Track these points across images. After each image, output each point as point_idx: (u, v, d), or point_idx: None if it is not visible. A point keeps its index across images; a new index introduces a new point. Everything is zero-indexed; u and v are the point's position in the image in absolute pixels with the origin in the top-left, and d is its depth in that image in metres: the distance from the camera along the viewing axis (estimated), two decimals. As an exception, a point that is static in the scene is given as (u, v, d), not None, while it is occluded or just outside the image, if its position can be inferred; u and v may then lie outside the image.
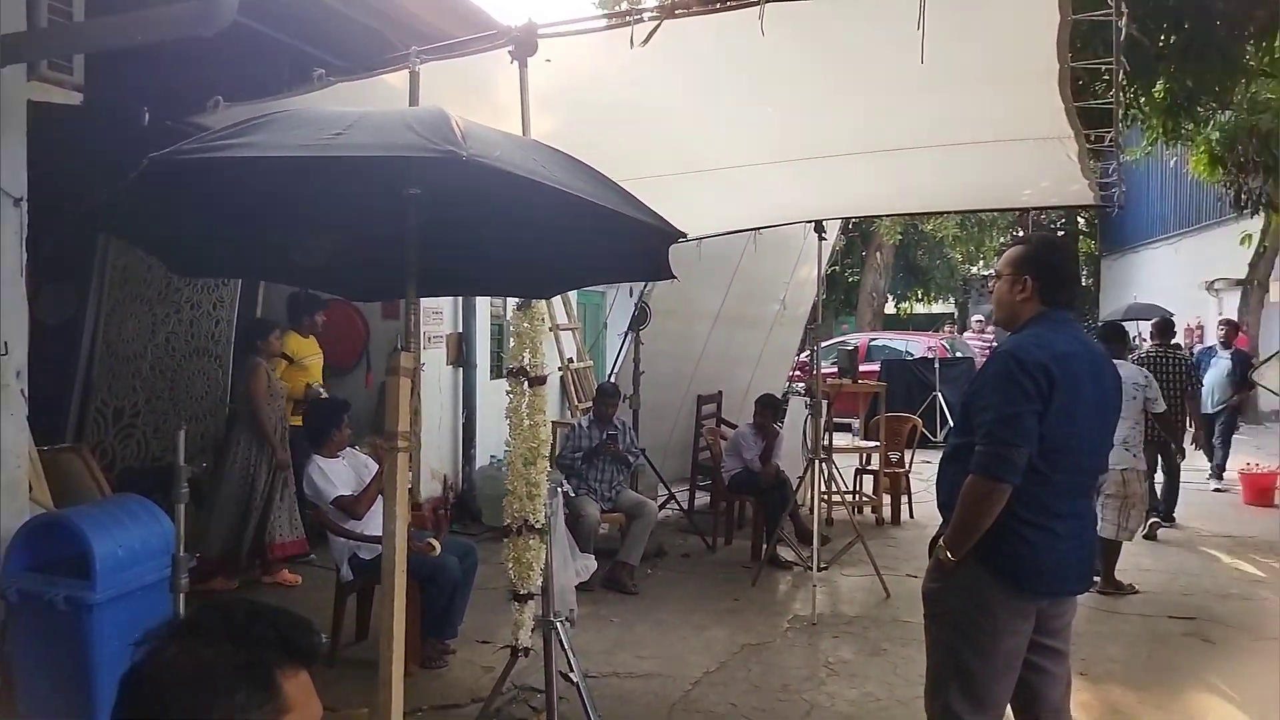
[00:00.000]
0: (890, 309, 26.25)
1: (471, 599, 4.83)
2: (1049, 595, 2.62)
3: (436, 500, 7.14)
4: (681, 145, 4.44)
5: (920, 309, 28.98)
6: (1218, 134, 8.41)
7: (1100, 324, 8.35)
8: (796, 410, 8.04)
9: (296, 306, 6.08)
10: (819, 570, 5.75)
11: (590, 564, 4.39)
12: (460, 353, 7.67)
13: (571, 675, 3.40)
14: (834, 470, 7.14)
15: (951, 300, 29.98)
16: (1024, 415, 2.46)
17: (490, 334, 8.06)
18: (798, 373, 11.65)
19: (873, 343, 16.48)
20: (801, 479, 6.84)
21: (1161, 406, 5.93)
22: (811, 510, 6.09)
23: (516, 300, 3.06)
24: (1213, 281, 17.44)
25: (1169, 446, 7.01)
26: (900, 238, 21.08)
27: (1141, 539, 6.56)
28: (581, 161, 2.21)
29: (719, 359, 8.55)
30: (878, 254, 21.21)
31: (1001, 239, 28.18)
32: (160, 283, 6.01)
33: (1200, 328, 15.66)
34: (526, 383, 3.01)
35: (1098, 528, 5.52)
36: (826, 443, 7.41)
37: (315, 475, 4.53)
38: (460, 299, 7.54)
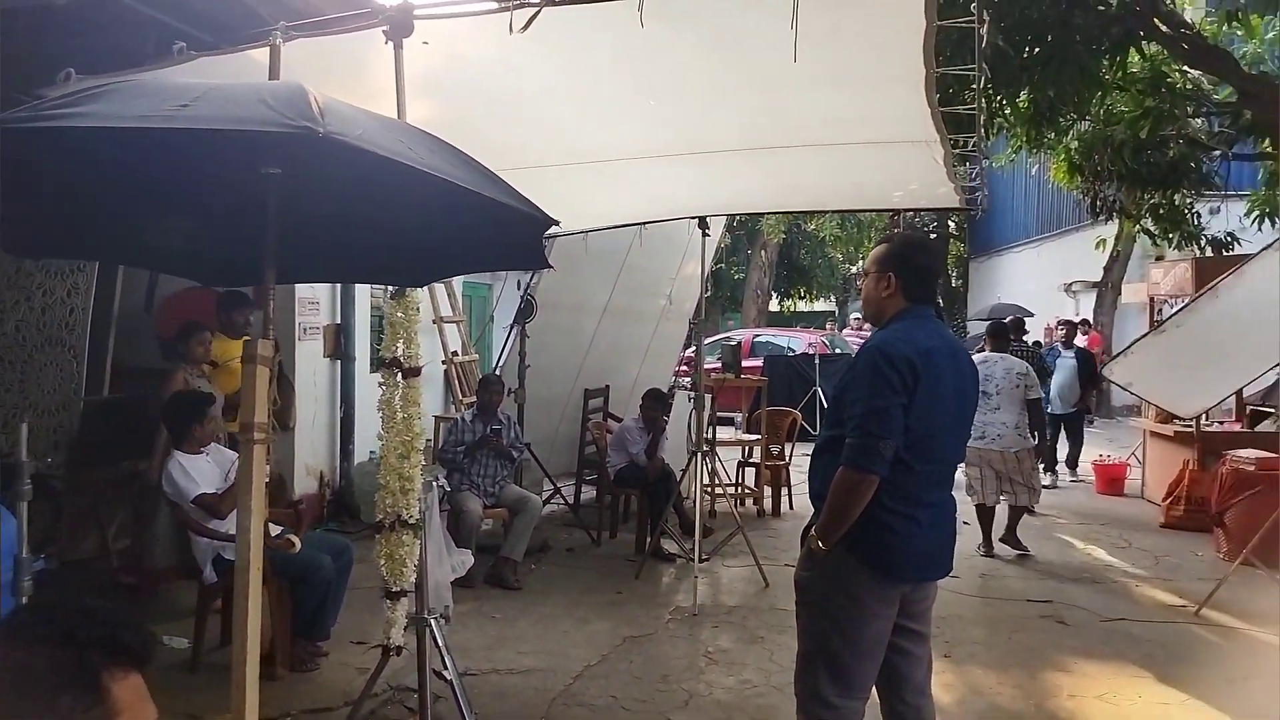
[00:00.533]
0: (774, 306, 26.87)
1: (347, 598, 4.69)
2: (913, 581, 2.74)
3: (311, 496, 6.90)
4: (566, 136, 4.40)
5: (803, 306, 29.78)
6: (1076, 143, 8.90)
7: (988, 323, 8.72)
8: (682, 404, 8.13)
9: (225, 305, 5.47)
10: (701, 562, 5.83)
11: (467, 559, 4.32)
12: (338, 344, 7.43)
13: (446, 673, 3.33)
14: (717, 463, 7.24)
15: (832, 298, 30.95)
16: (891, 408, 2.55)
17: (370, 325, 7.83)
18: (684, 367, 11.79)
19: (756, 339, 16.86)
20: (685, 472, 6.93)
21: (1038, 394, 6.75)
22: (695, 503, 6.17)
23: (391, 289, 2.97)
24: (1071, 284, 18.57)
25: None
26: (784, 236, 21.59)
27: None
28: (454, 147, 2.15)
29: (606, 353, 8.56)
30: (762, 252, 21.67)
31: (880, 239, 29.21)
32: (9, 268, 5.58)
33: (1060, 326, 16.60)
34: (400, 374, 2.93)
35: (1007, 499, 6.78)
36: (710, 436, 7.52)
37: (175, 473, 4.29)
38: (339, 288, 7.30)
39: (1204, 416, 7.83)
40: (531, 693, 4.26)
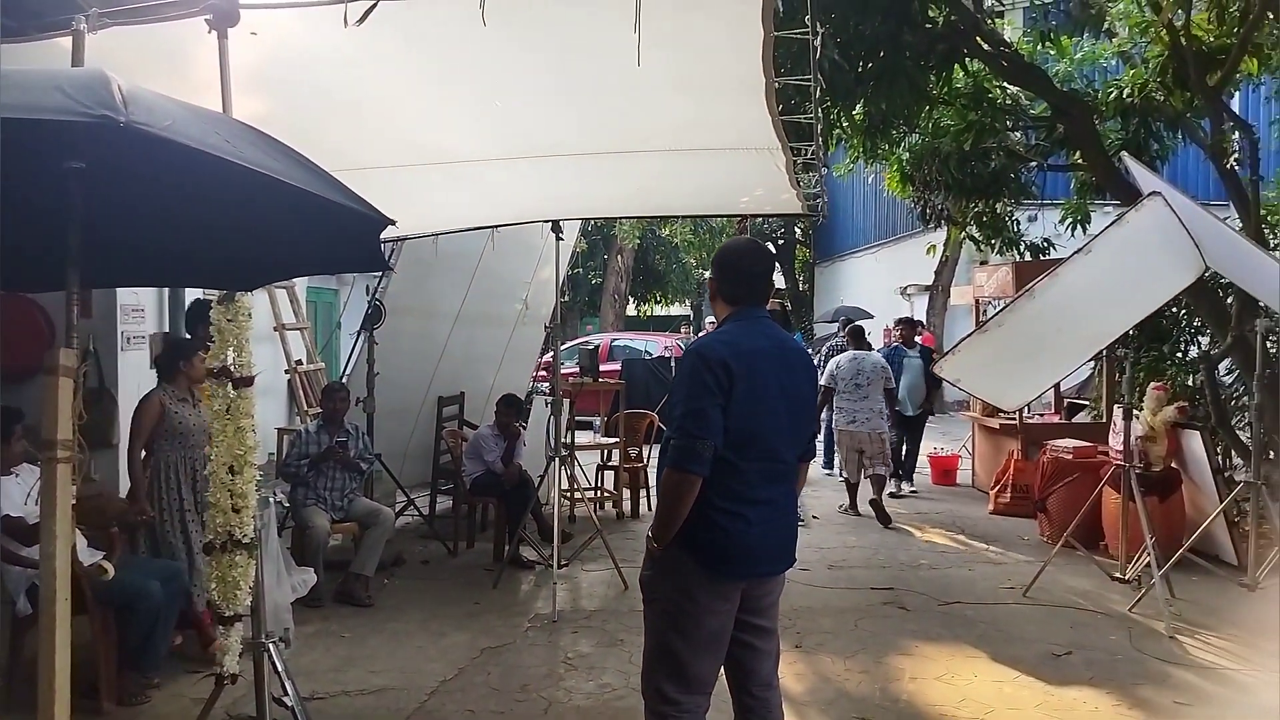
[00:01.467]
0: (631, 310, 27.16)
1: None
2: (745, 577, 2.77)
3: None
4: (410, 136, 4.27)
5: (659, 310, 30.24)
6: (907, 154, 9.36)
7: (850, 326, 9.25)
8: (540, 409, 8.07)
9: (196, 317, 5.03)
10: (560, 567, 5.80)
11: (309, 578, 4.12)
12: (168, 355, 6.95)
13: (287, 699, 3.16)
14: (576, 468, 7.22)
15: (687, 302, 31.56)
16: (706, 409, 2.61)
17: (209, 335, 7.36)
18: (542, 372, 11.71)
19: (614, 343, 16.97)
20: (543, 477, 6.88)
21: (893, 383, 8.52)
22: (554, 508, 6.12)
23: (218, 294, 2.78)
24: (905, 287, 19.63)
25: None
26: (639, 242, 21.85)
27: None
28: (282, 143, 2.04)
29: (461, 359, 8.38)
30: (618, 257, 21.84)
31: (732, 245, 29.99)
32: None
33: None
34: (231, 384, 2.75)
35: (866, 471, 8.13)
36: (568, 441, 7.48)
37: (-22, 497, 3.90)
38: (167, 295, 6.83)
39: (1026, 409, 8.42)
40: (384, 713, 4.11)
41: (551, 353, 7.36)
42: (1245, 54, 7.12)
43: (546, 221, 5.88)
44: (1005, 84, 8.65)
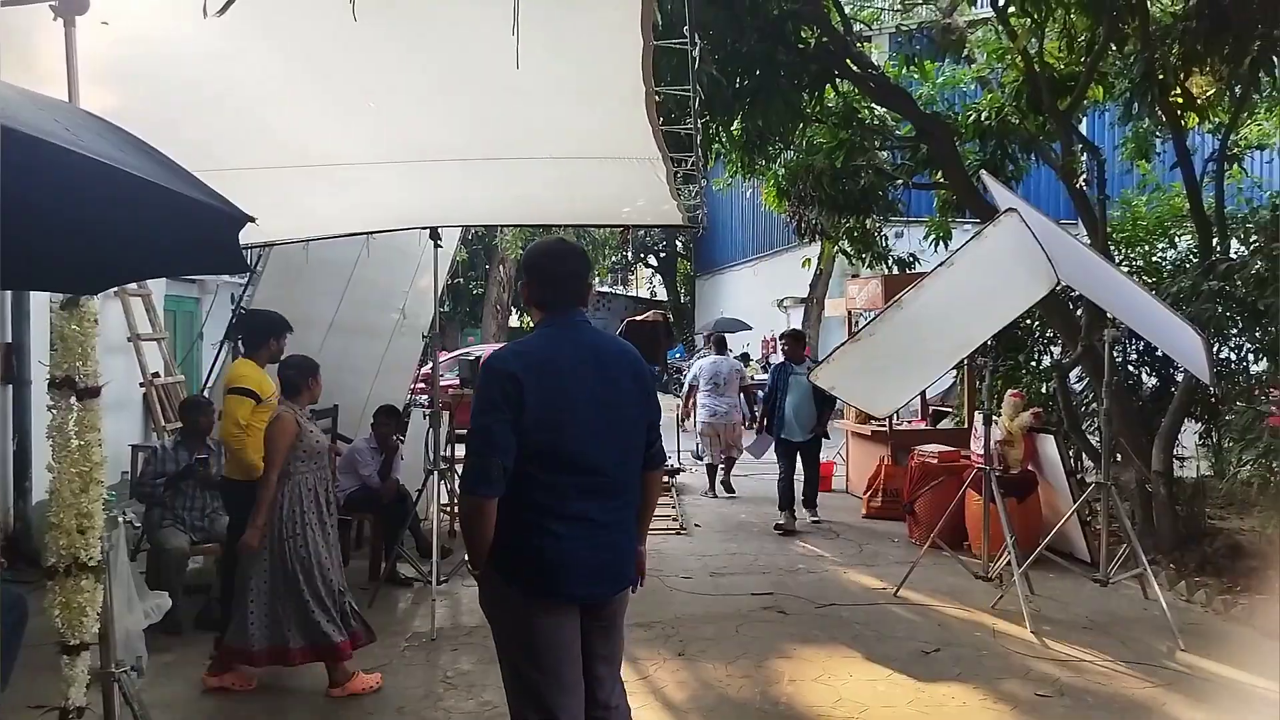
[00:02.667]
0: (514, 322, 26.89)
1: (26, 657, 4.02)
2: (567, 596, 2.61)
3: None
4: (279, 136, 4.09)
5: (542, 322, 30.01)
6: (783, 170, 9.65)
7: (713, 335, 9.70)
8: (419, 422, 7.86)
9: (259, 327, 4.77)
10: (440, 584, 5.65)
11: (164, 603, 3.86)
12: (10, 366, 6.44)
13: (140, 733, 2.94)
14: (456, 481, 7.05)
15: (571, 314, 31.44)
16: (493, 426, 2.47)
17: (51, 344, 6.86)
18: (421, 384, 11.43)
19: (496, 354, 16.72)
20: (421, 492, 6.69)
21: (749, 380, 9.71)
22: (433, 523, 5.96)
23: (61, 298, 2.58)
24: (782, 299, 20.18)
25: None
26: (521, 252, 21.67)
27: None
28: (132, 135, 1.90)
29: (334, 370, 8.02)
30: (500, 267, 21.60)
31: (614, 257, 30.24)
32: None
33: (774, 339, 17.98)
34: (75, 396, 2.55)
35: (723, 454, 9.58)
36: (448, 454, 7.31)
37: None
38: (9, 301, 6.33)
39: (895, 417, 8.76)
40: (249, 743, 3.89)
41: (430, 364, 7.19)
42: (1092, 81, 7.65)
43: (424, 228, 5.74)
44: (873, 105, 9.01)
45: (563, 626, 2.62)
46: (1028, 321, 8.87)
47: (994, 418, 6.43)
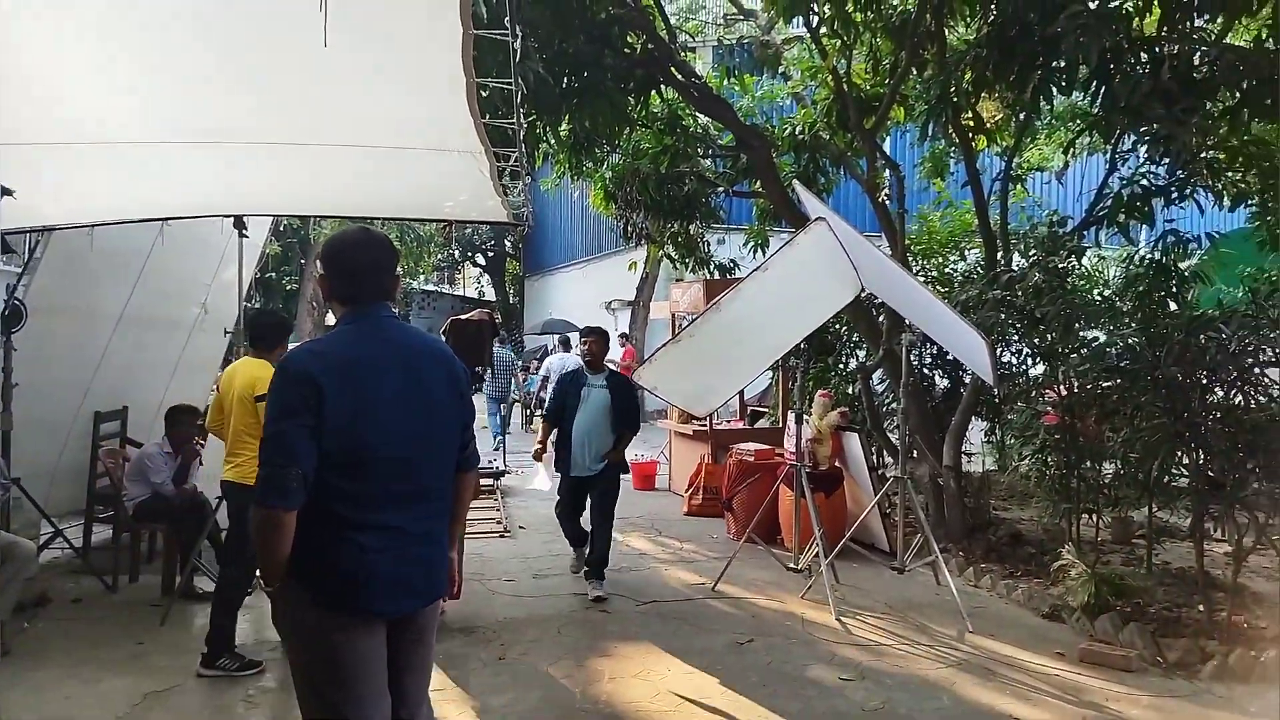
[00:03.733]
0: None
1: None
2: (373, 611, 2.46)
3: None
4: (57, 109, 3.70)
5: (362, 321, 28.95)
6: (610, 173, 9.76)
7: (559, 336, 9.58)
8: (221, 425, 7.34)
9: (277, 326, 4.93)
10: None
11: None
12: None
13: None
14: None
15: (394, 312, 30.51)
16: (289, 432, 2.31)
17: None
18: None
19: (311, 353, 15.94)
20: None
21: None
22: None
23: None
24: (610, 302, 20.39)
25: None
26: (339, 247, 20.79)
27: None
28: None
29: (125, 368, 7.42)
30: (317, 262, 20.63)
31: (439, 255, 29.57)
32: None
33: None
34: None
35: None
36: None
37: None
38: None
39: (715, 416, 9.02)
40: (13, 780, 3.50)
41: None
42: (895, 102, 8.17)
43: (227, 216, 5.38)
44: (697, 113, 9.26)
45: (367, 642, 2.47)
46: (836, 326, 9.38)
47: (805, 417, 6.74)
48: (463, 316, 11.07)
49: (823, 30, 7.87)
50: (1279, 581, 6.36)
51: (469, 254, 29.95)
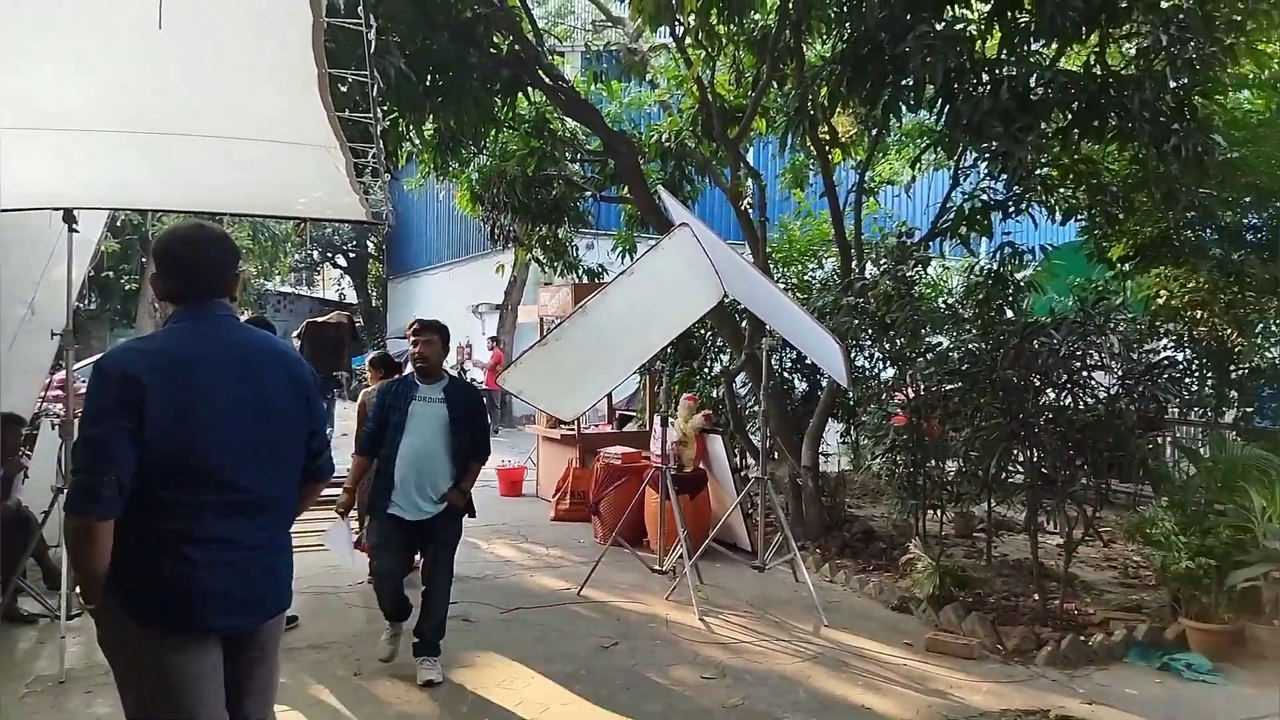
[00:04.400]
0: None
1: None
2: (206, 630, 2.33)
3: None
4: None
5: (213, 324, 27.55)
6: (477, 175, 9.61)
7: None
8: (49, 435, 6.81)
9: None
10: (71, 619, 4.90)
11: None
12: None
13: None
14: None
15: (245, 314, 29.17)
16: (105, 436, 2.16)
17: None
18: (54, 391, 9.94)
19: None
20: (48, 514, 5.79)
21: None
22: (63, 550, 5.16)
23: None
24: (478, 305, 20.12)
25: None
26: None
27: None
28: None
29: (-66, 375, 6.76)
30: (162, 261, 19.45)
31: (297, 255, 28.42)
32: None
33: (469, 346, 17.83)
34: None
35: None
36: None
37: None
38: None
39: (583, 420, 9.01)
40: None
41: (64, 368, 6.26)
42: (757, 114, 8.40)
43: (55, 209, 4.98)
44: (565, 117, 9.24)
45: (201, 662, 2.31)
46: (702, 331, 9.55)
47: (670, 420, 6.82)
48: (320, 318, 10.66)
49: (687, 41, 8.01)
50: (1106, 571, 6.89)
51: (329, 254, 28.90)
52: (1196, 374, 7.51)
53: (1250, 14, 6.14)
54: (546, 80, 7.97)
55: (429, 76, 7.11)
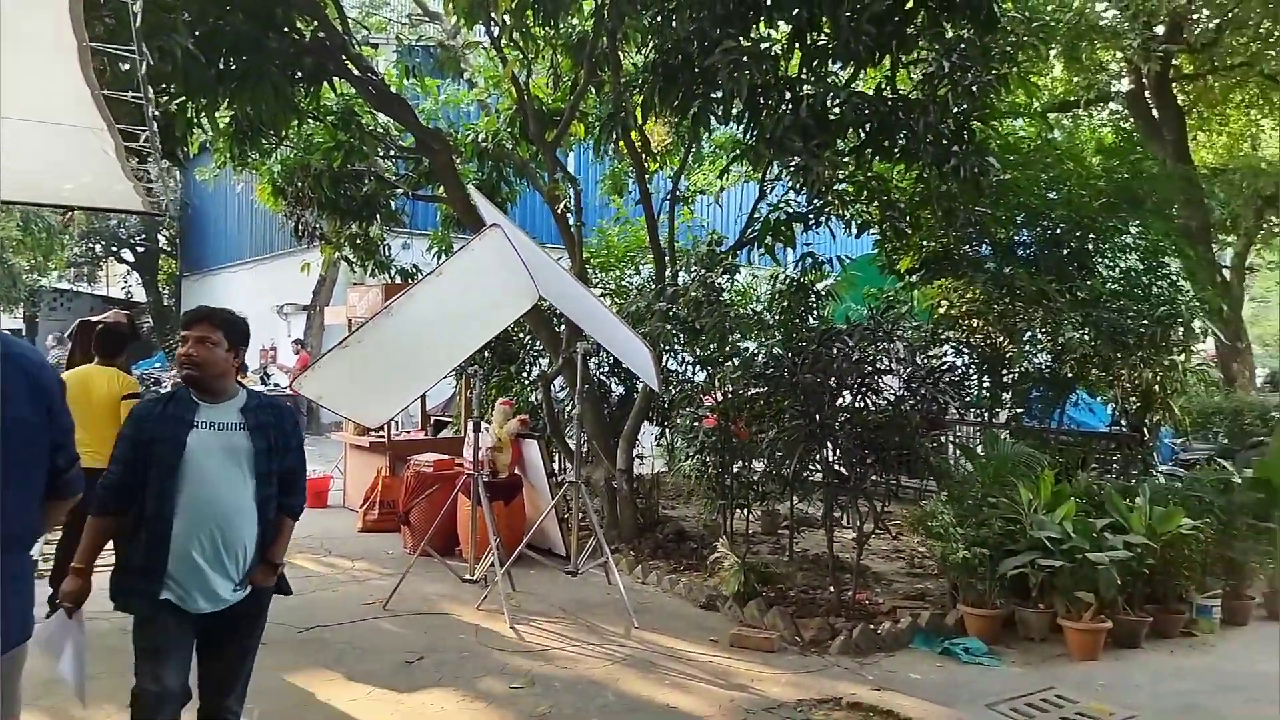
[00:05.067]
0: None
1: None
2: None
3: None
4: None
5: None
6: (279, 167, 9.08)
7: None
8: None
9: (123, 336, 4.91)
10: None
11: None
12: None
13: None
14: None
15: (18, 312, 26.31)
16: None
17: None
18: None
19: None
20: None
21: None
22: None
23: None
24: (283, 306, 19.07)
25: None
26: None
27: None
28: None
29: None
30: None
31: (76, 249, 25.94)
32: None
33: (274, 349, 16.86)
34: None
35: None
36: None
37: None
38: None
39: (394, 426, 8.70)
40: None
41: None
42: (575, 118, 8.40)
43: None
44: (376, 111, 8.90)
45: None
46: (520, 334, 9.45)
47: (485, 425, 6.69)
48: (94, 318, 9.71)
49: (504, 41, 7.90)
50: (895, 562, 7.35)
51: (113, 249, 26.49)
52: (974, 378, 8.16)
53: (1021, 47, 6.77)
54: (354, 71, 7.64)
55: (223, 60, 6.64)
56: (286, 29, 6.96)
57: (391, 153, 9.55)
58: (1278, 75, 11.34)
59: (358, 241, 10.11)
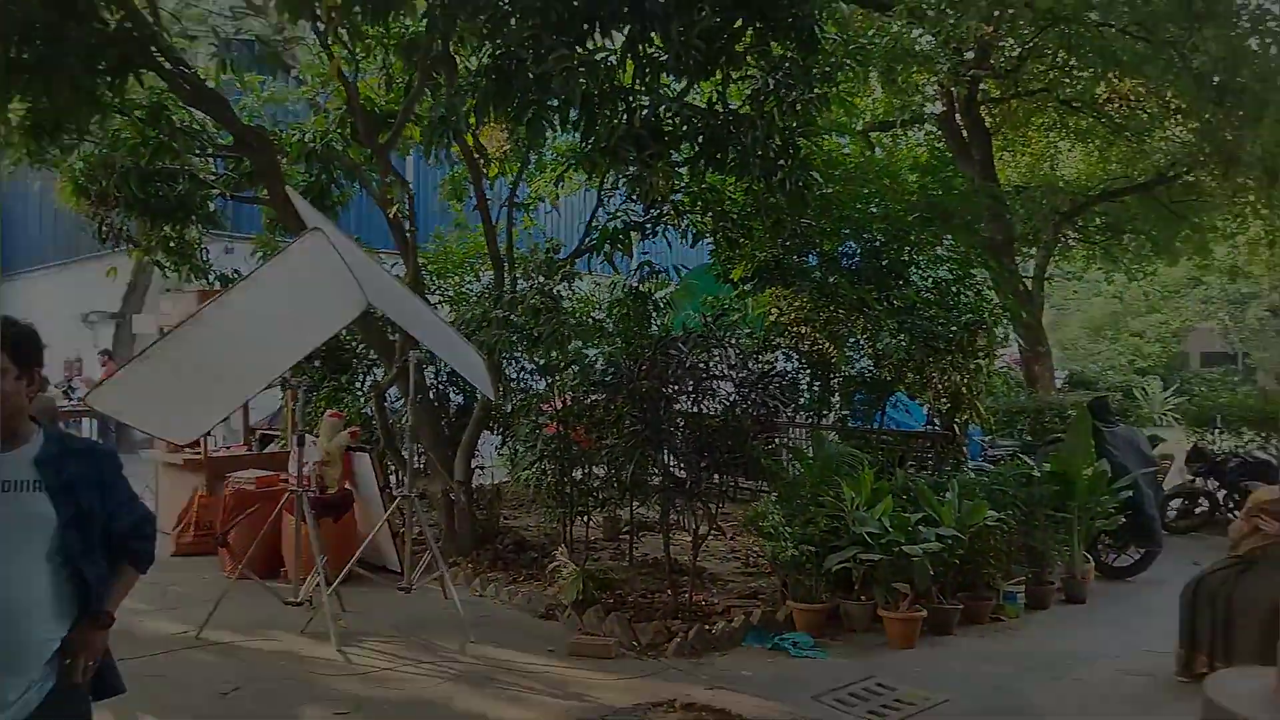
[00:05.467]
0: None
1: None
2: None
3: None
4: None
5: None
6: (82, 164, 8.38)
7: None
8: None
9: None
10: None
11: None
12: None
13: None
14: None
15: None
16: None
17: None
18: None
19: None
20: None
21: None
22: None
23: None
24: (89, 314, 17.64)
25: None
26: None
27: None
28: None
29: None
30: None
31: None
32: None
33: (79, 361, 15.56)
34: None
35: None
36: None
37: None
38: None
39: (213, 442, 8.17)
40: None
41: None
42: (408, 121, 8.16)
43: None
44: (190, 107, 8.36)
45: None
46: (352, 343, 9.09)
47: (310, 438, 6.38)
48: None
49: (329, 38, 7.59)
50: (731, 562, 7.53)
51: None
52: (804, 382, 8.49)
53: (839, 68, 7.11)
54: (166, 65, 7.14)
55: (15, 49, 6.07)
56: (89, 18, 6.43)
57: (208, 150, 8.99)
58: (1073, 101, 12.38)
59: (171, 244, 9.45)
